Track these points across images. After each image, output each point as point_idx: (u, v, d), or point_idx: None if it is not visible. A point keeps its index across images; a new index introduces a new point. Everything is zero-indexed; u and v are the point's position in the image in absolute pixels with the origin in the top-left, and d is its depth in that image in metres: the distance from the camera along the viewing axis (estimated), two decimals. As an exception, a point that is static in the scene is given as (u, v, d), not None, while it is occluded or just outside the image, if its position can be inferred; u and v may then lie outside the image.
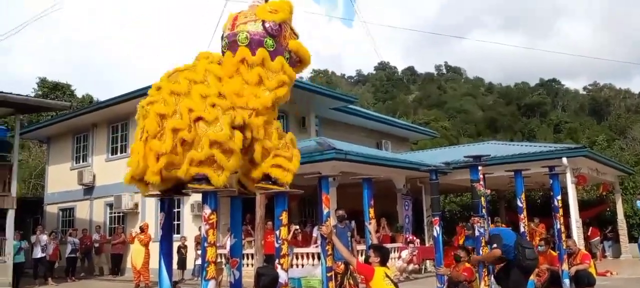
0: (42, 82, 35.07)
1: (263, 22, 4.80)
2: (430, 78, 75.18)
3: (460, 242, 13.47)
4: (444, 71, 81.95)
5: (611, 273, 13.21)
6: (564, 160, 14.92)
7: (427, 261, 15.09)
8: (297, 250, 13.07)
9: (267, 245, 11.76)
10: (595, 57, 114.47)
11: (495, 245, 7.46)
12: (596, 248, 18.14)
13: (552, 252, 9.56)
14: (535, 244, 9.74)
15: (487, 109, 61.28)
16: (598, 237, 18.89)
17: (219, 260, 8.10)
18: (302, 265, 12.88)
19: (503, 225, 15.30)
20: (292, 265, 11.78)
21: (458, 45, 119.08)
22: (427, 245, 15.78)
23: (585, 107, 64.30)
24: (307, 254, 12.99)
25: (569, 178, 15.29)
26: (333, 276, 5.67)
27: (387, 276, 5.68)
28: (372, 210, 6.60)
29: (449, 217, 23.72)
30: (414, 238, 14.93)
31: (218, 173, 4.31)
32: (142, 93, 15.75)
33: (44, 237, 15.69)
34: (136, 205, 16.85)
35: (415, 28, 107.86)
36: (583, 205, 18.38)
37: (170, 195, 4.81)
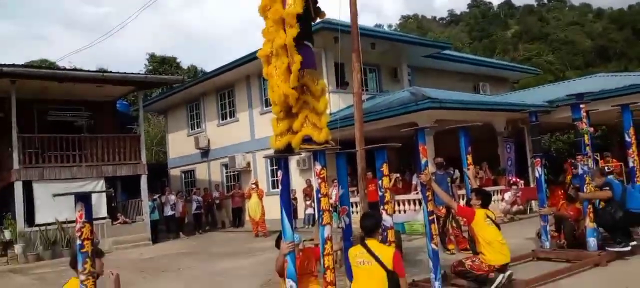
0: (152, 58, 37.72)
1: None
2: (530, 10, 70.01)
3: (568, 180, 13.17)
4: (545, 1, 75.81)
5: None
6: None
7: (532, 201, 14.92)
8: (398, 197, 13.57)
9: (370, 193, 12.35)
10: None
11: (607, 188, 7.50)
12: None
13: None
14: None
15: (597, 36, 56.06)
16: None
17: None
18: (405, 211, 13.43)
19: (614, 161, 14.65)
20: (395, 211, 12.35)
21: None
22: (531, 185, 15.56)
23: None
24: (409, 201, 13.49)
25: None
26: (435, 219, 6.07)
27: (489, 217, 6.07)
28: (469, 157, 6.90)
29: (556, 155, 22.82)
30: (517, 179, 14.80)
31: (318, 132, 4.89)
32: (244, 61, 16.88)
33: (172, 197, 17.74)
34: (248, 163, 18.33)
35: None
36: None
37: (285, 154, 5.52)
